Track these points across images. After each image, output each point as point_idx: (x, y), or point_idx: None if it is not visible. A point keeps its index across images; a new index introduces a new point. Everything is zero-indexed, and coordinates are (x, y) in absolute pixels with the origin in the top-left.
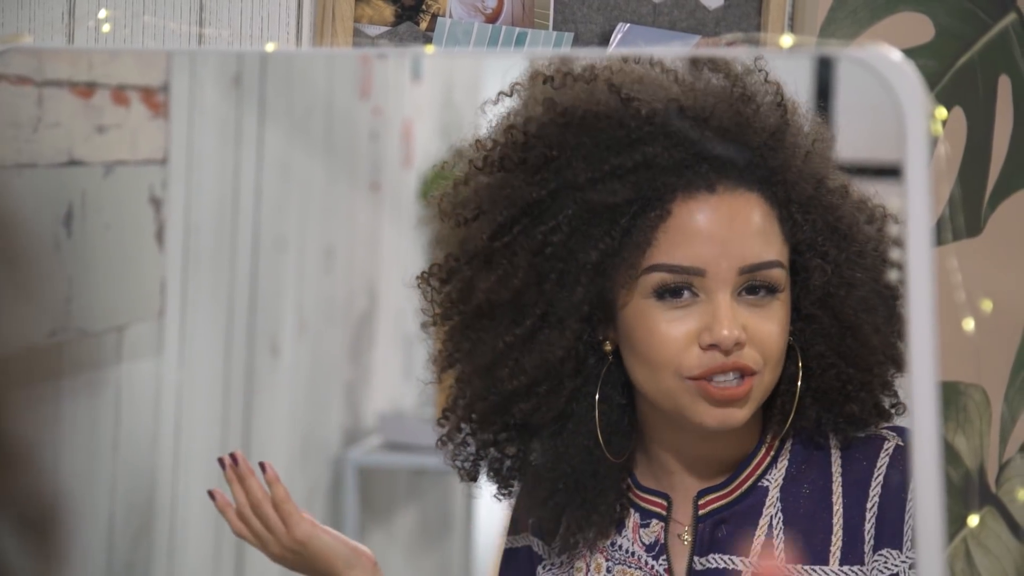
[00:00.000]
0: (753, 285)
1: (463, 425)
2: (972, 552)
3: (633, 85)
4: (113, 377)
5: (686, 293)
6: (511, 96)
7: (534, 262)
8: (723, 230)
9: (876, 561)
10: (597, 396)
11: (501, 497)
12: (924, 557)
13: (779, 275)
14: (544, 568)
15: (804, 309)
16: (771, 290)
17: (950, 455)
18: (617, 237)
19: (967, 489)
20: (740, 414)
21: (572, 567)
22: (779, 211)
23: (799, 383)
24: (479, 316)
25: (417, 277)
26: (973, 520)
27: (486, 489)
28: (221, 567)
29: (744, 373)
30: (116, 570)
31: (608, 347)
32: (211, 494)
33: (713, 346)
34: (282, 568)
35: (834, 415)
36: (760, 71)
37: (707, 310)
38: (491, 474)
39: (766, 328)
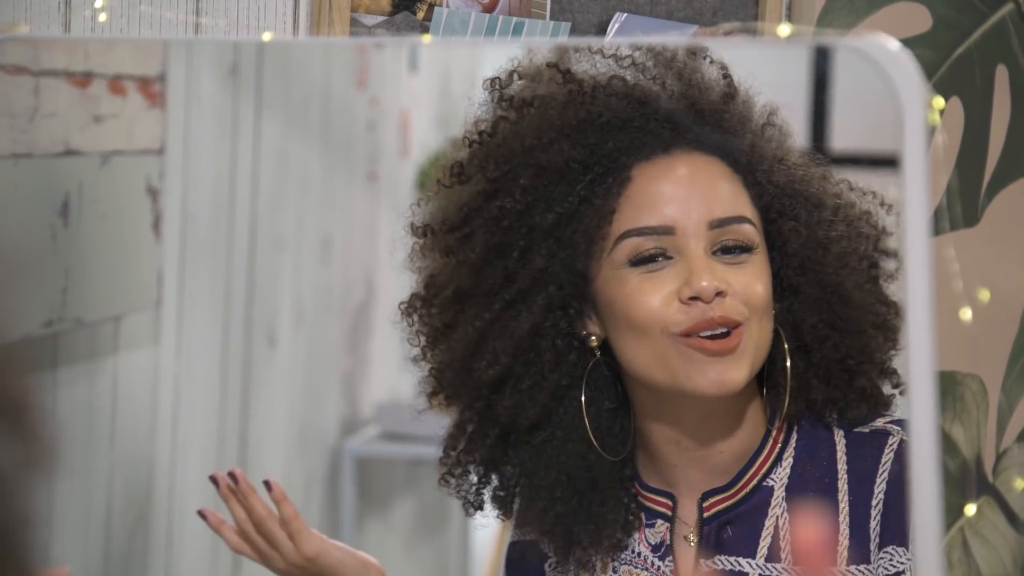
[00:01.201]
0: (726, 245)
1: (462, 457)
2: (969, 542)
3: (574, 65)
4: (110, 367)
5: (660, 259)
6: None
7: (491, 239)
8: (685, 188)
9: (882, 559)
10: (583, 394)
11: (503, 519)
12: (921, 547)
13: (750, 231)
14: (550, 567)
15: (787, 279)
16: (745, 248)
17: (947, 445)
18: (575, 203)
19: (964, 479)
20: (736, 373)
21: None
22: (744, 176)
23: (788, 362)
24: (451, 308)
25: (400, 306)
26: (970, 510)
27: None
28: (219, 557)
29: (731, 326)
30: (113, 560)
31: (594, 342)
32: (202, 514)
33: (694, 299)
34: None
35: (843, 392)
36: (704, 56)
37: (683, 267)
38: (495, 501)
39: (745, 279)
